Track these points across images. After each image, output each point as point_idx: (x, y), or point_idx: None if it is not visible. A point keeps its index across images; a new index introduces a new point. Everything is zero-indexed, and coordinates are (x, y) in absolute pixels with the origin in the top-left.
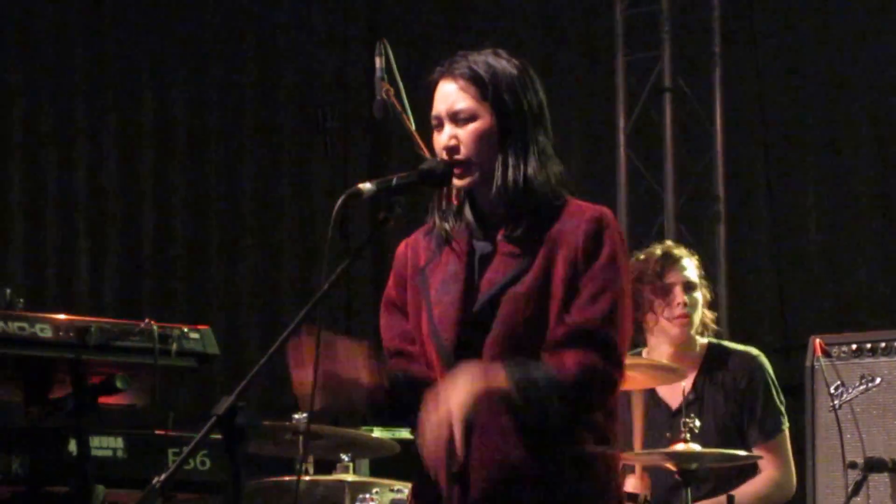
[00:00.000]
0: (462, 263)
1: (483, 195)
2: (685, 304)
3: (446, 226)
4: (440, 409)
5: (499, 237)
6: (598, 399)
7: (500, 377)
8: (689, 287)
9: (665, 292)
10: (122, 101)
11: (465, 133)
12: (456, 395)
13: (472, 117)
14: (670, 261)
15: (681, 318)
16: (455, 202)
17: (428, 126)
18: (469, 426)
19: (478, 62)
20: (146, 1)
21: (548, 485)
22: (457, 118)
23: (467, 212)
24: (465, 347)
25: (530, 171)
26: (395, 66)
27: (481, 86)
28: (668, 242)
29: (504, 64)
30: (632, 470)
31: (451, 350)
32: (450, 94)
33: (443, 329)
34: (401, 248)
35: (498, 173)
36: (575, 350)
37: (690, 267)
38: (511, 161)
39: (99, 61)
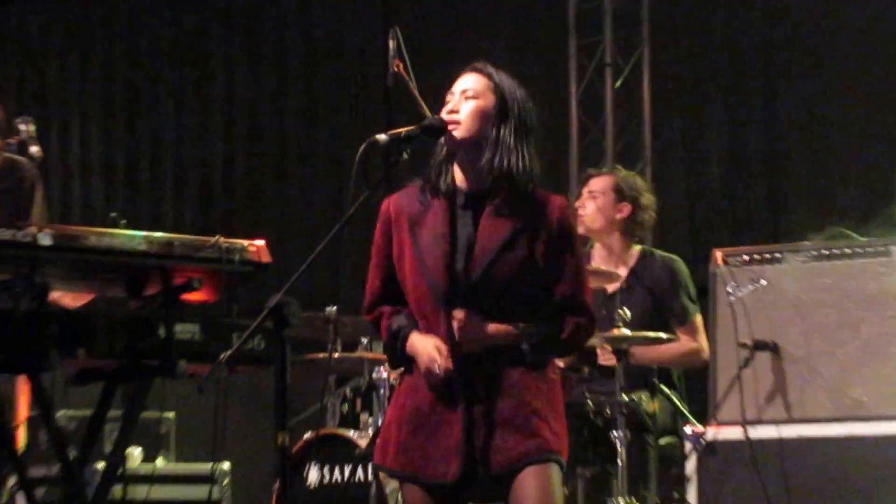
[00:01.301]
0: (445, 223)
1: (469, 167)
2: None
3: (440, 182)
4: (472, 329)
5: (486, 209)
6: (582, 347)
7: (515, 333)
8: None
9: None
10: (198, 73)
11: (468, 105)
12: (484, 330)
13: (476, 96)
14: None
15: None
16: (442, 156)
17: (427, 92)
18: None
19: (496, 70)
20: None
21: (522, 391)
22: (465, 94)
23: (455, 177)
24: (464, 293)
25: (517, 161)
26: (403, 47)
27: (494, 82)
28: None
29: (515, 83)
30: None
31: (447, 296)
32: (469, 79)
33: (436, 275)
34: (384, 205)
35: (491, 149)
36: (570, 315)
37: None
38: (503, 143)
39: (179, 41)
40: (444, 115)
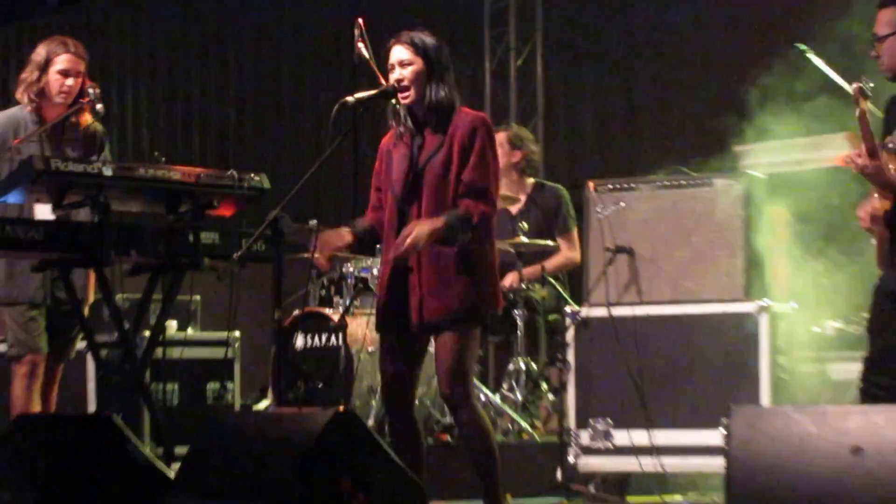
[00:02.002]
0: (408, 150)
1: (418, 110)
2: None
3: (401, 128)
4: (416, 232)
5: (426, 133)
6: (486, 228)
7: (442, 221)
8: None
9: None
10: (217, 51)
11: (408, 72)
12: (423, 229)
13: (411, 63)
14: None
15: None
16: (401, 111)
17: (384, 67)
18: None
19: (414, 35)
20: None
21: (443, 264)
22: (402, 64)
23: (409, 120)
24: (409, 193)
25: (443, 94)
26: (365, 34)
27: (416, 47)
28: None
29: (430, 37)
30: None
31: (400, 197)
32: (399, 51)
33: (397, 185)
34: (381, 142)
35: (429, 96)
36: (473, 200)
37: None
38: (434, 88)
39: (203, 31)
40: (393, 82)
